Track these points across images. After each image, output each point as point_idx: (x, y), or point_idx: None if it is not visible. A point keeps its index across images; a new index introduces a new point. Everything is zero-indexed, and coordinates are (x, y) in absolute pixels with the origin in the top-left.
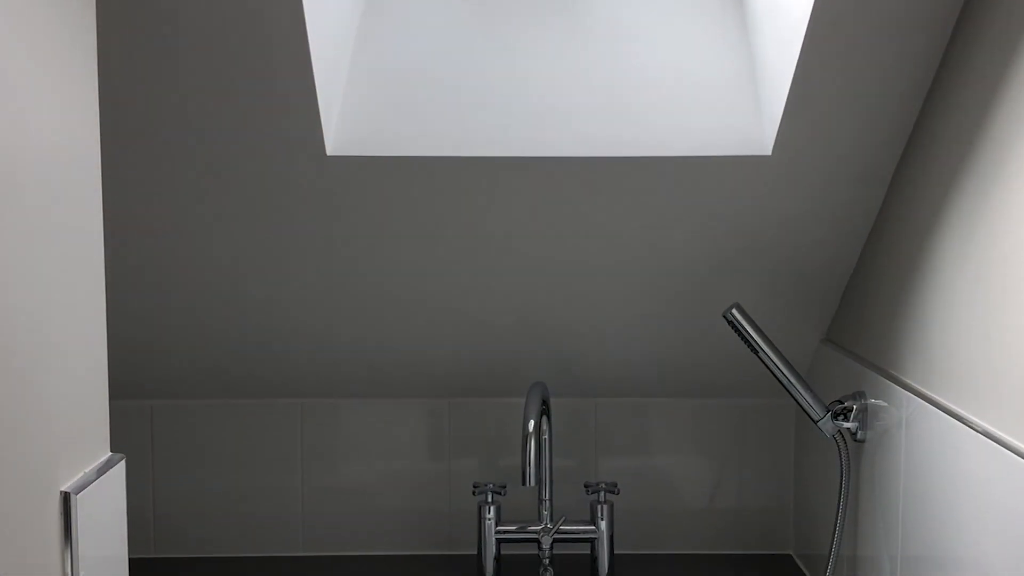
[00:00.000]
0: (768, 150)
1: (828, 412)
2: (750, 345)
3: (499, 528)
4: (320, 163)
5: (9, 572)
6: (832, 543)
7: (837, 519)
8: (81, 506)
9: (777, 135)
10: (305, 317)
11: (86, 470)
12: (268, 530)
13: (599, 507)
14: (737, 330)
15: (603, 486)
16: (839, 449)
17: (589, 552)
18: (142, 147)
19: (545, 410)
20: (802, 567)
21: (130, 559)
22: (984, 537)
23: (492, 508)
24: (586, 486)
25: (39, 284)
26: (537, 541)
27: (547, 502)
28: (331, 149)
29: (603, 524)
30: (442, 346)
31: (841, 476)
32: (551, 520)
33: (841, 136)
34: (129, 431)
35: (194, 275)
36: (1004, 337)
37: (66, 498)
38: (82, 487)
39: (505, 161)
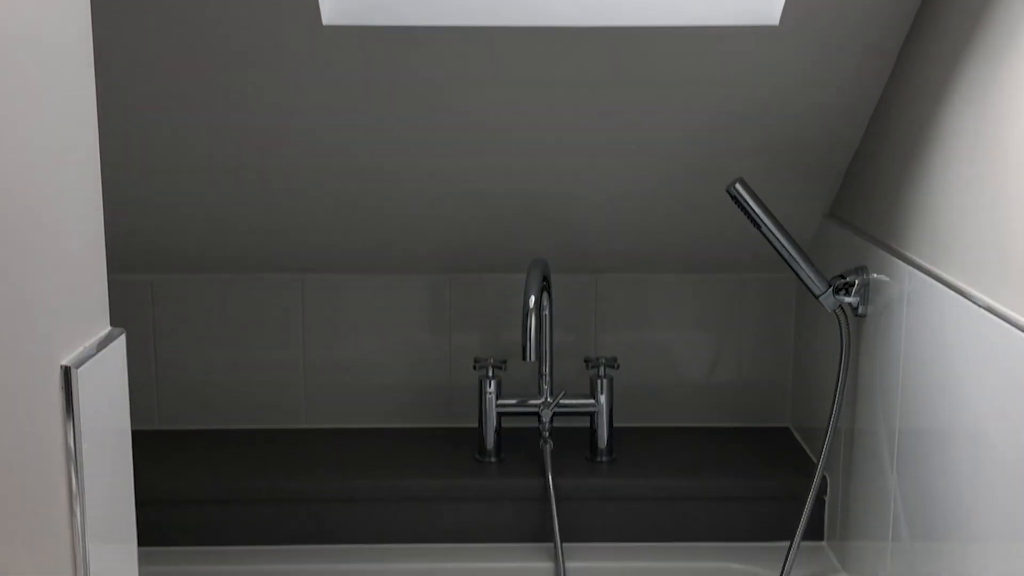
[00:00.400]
0: (775, 20)
1: (830, 287)
2: (753, 220)
3: (499, 402)
4: (316, 33)
5: (11, 447)
6: (830, 416)
7: (836, 393)
8: (82, 380)
9: (785, 4)
10: (304, 190)
11: (86, 344)
12: (270, 403)
13: (599, 381)
14: (740, 205)
15: (603, 361)
16: (840, 324)
17: (588, 425)
18: (134, 21)
19: (546, 286)
20: (800, 440)
21: (133, 432)
22: (983, 410)
23: (493, 383)
24: (586, 361)
25: (30, 155)
26: (537, 415)
27: (547, 376)
28: (327, 19)
29: (602, 398)
30: (442, 220)
31: (841, 351)
32: (551, 394)
33: (849, 6)
34: (130, 306)
35: (192, 149)
36: (1009, 211)
37: (66, 372)
38: (82, 361)
39: (505, 31)
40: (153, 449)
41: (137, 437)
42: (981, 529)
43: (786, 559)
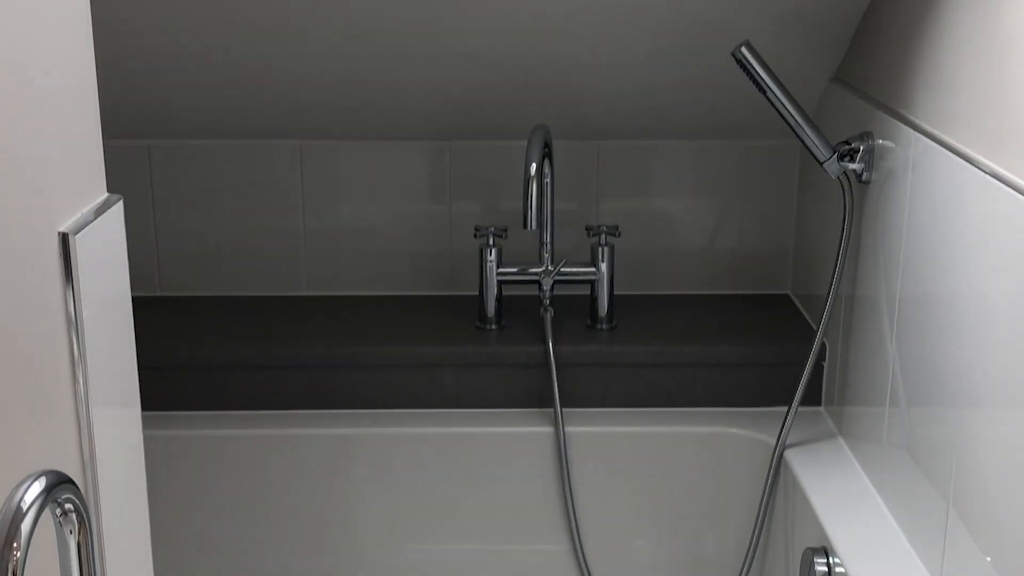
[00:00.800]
0: None
1: (834, 153)
2: (758, 84)
3: (500, 270)
4: None
5: (12, 315)
6: (831, 283)
7: (837, 259)
8: (80, 246)
9: None
10: (301, 54)
11: (83, 211)
12: (271, 271)
13: (600, 249)
14: (746, 69)
15: (604, 228)
16: (843, 190)
17: (589, 293)
18: None
19: (547, 153)
20: (800, 307)
21: (134, 298)
22: (985, 276)
23: (493, 251)
24: (587, 228)
25: (21, 15)
26: (538, 283)
27: (548, 245)
28: None
29: (603, 266)
30: (442, 86)
31: (844, 217)
32: (552, 262)
33: None
34: (127, 172)
35: (187, 8)
36: (1016, 77)
37: (64, 239)
38: (80, 228)
39: None
40: (154, 315)
41: (138, 303)
42: (979, 395)
43: (783, 424)
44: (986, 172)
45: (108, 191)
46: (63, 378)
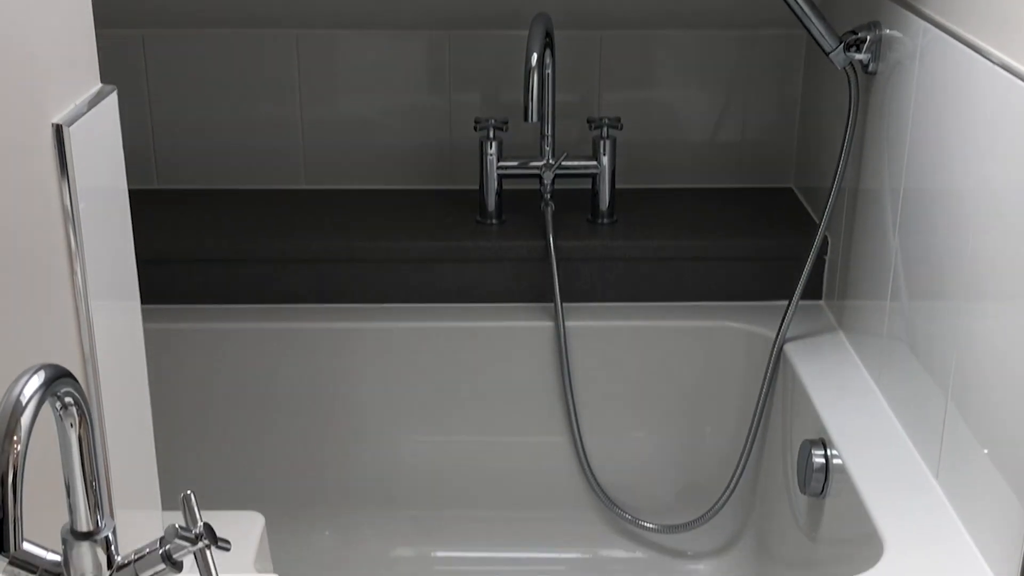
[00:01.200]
0: None
1: (841, 43)
2: None
3: (501, 164)
4: None
5: (7, 208)
6: (835, 176)
7: (842, 152)
8: (74, 138)
9: None
10: None
11: (76, 102)
12: (269, 164)
13: (601, 142)
14: None
15: (606, 121)
16: (849, 81)
17: (590, 187)
18: None
19: (549, 43)
20: (802, 200)
21: (132, 191)
22: (992, 169)
23: (494, 144)
24: (589, 121)
25: None
26: (539, 176)
27: (549, 138)
28: None
29: (605, 159)
30: None
31: (849, 109)
32: (553, 156)
33: None
34: (121, 63)
35: None
36: None
37: (58, 130)
38: (74, 119)
39: None
40: (152, 208)
41: (135, 196)
42: (982, 288)
43: (783, 317)
44: (995, 63)
45: (102, 82)
46: (61, 272)
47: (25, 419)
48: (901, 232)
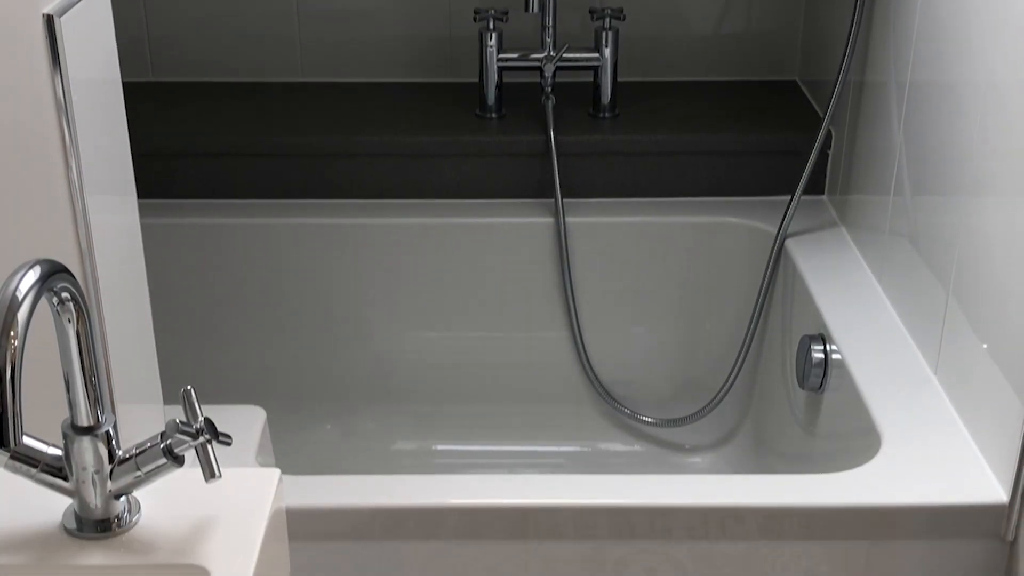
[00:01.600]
0: None
1: None
2: None
3: (501, 56)
4: None
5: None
6: (840, 69)
7: (847, 44)
8: (66, 28)
9: None
10: None
11: None
12: (267, 55)
13: (604, 34)
14: None
15: (608, 12)
16: None
17: (592, 80)
18: None
19: None
20: (807, 94)
21: (127, 83)
22: (998, 63)
23: (494, 35)
24: (591, 12)
25: None
26: (539, 69)
27: (550, 29)
28: None
29: (607, 51)
30: None
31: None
32: (554, 48)
33: None
34: None
35: None
36: None
37: (49, 21)
38: (65, 9)
39: None
40: (147, 101)
41: (130, 89)
42: (985, 183)
43: (785, 212)
44: None
45: None
46: (55, 166)
47: (22, 314)
48: (906, 126)
